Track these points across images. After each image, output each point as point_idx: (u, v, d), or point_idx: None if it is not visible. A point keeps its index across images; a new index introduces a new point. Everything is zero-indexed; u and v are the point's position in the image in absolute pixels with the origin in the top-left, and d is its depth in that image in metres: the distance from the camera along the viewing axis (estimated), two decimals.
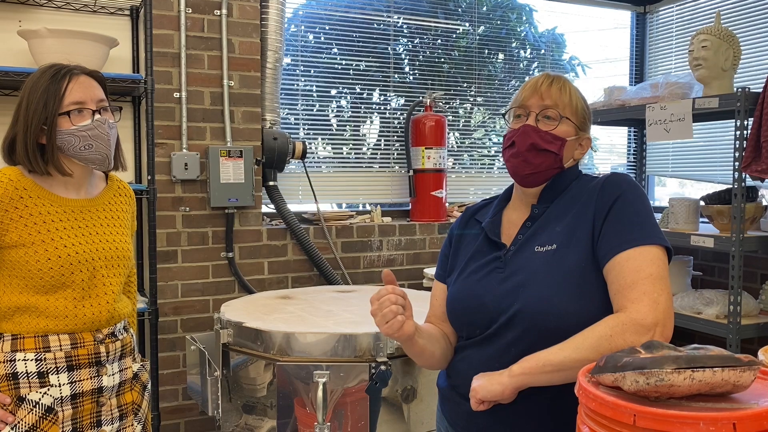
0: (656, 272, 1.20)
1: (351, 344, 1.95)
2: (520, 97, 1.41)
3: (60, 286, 1.61)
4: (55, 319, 1.61)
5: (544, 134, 1.36)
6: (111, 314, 1.69)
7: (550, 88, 1.38)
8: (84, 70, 1.67)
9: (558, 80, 1.40)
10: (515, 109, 1.42)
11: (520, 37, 3.89)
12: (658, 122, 2.79)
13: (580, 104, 1.40)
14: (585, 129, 1.42)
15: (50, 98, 1.59)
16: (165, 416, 2.85)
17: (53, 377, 1.59)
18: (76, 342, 1.63)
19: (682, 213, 2.83)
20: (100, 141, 1.64)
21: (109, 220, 1.74)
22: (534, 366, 1.21)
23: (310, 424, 1.90)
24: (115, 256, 1.71)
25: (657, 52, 4.01)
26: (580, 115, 1.40)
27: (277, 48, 3.09)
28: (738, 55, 2.71)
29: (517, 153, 1.38)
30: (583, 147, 1.43)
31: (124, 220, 1.80)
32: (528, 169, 1.38)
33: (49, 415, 1.58)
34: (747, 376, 0.89)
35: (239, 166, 2.93)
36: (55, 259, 1.59)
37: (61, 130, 1.60)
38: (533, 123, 1.37)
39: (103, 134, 1.64)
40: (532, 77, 1.43)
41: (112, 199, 1.79)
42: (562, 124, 1.37)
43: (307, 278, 3.16)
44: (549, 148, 1.36)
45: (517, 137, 1.38)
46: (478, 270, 1.40)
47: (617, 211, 1.28)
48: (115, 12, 2.80)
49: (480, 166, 3.85)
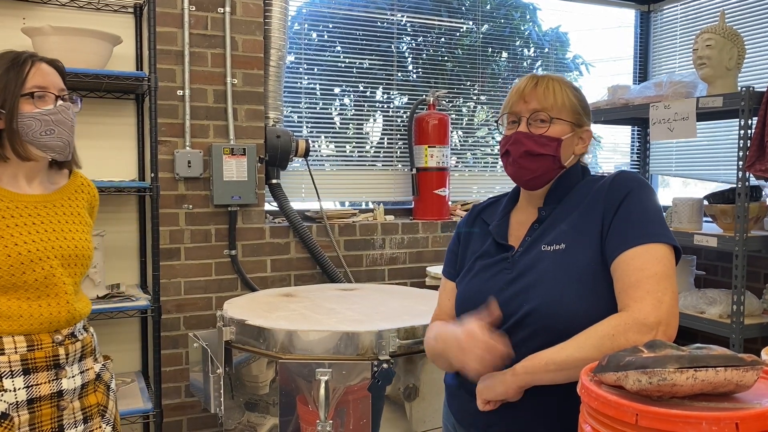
0: (661, 271, 1.20)
1: (353, 342, 1.95)
2: (509, 103, 1.39)
3: (11, 286, 1.52)
4: (9, 320, 1.52)
5: (537, 138, 1.35)
6: (71, 314, 1.61)
7: (534, 90, 1.35)
8: (44, 59, 1.60)
9: (542, 81, 1.37)
10: (506, 116, 1.40)
11: (523, 36, 3.88)
12: (662, 121, 2.79)
13: (570, 100, 1.37)
14: (582, 123, 1.39)
15: (11, 81, 1.52)
16: (167, 413, 2.85)
17: (7, 381, 1.51)
18: (32, 344, 1.55)
19: (685, 212, 2.82)
20: (62, 127, 1.57)
21: (68, 216, 1.66)
22: (537, 365, 1.21)
23: (312, 422, 1.91)
24: (73, 255, 1.62)
25: (661, 50, 4.00)
26: (572, 111, 1.37)
27: (281, 46, 3.09)
28: (742, 54, 2.70)
29: (512, 161, 1.37)
30: (584, 140, 1.40)
31: (84, 216, 1.71)
32: (527, 175, 1.37)
33: (4, 421, 1.49)
34: (750, 376, 0.89)
35: (242, 163, 2.93)
36: (4, 258, 1.50)
37: (23, 113, 1.52)
38: (525, 129, 1.36)
39: (67, 120, 1.58)
40: (518, 81, 1.41)
41: (73, 195, 1.71)
42: (554, 125, 1.35)
43: (309, 276, 3.16)
44: (544, 152, 1.34)
45: (510, 146, 1.37)
46: (486, 269, 1.39)
47: (625, 209, 1.27)
48: (118, 9, 2.80)
49: (483, 164, 3.85)
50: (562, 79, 1.40)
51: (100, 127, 2.82)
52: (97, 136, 2.82)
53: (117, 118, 2.85)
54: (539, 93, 1.35)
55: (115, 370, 2.82)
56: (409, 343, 1.99)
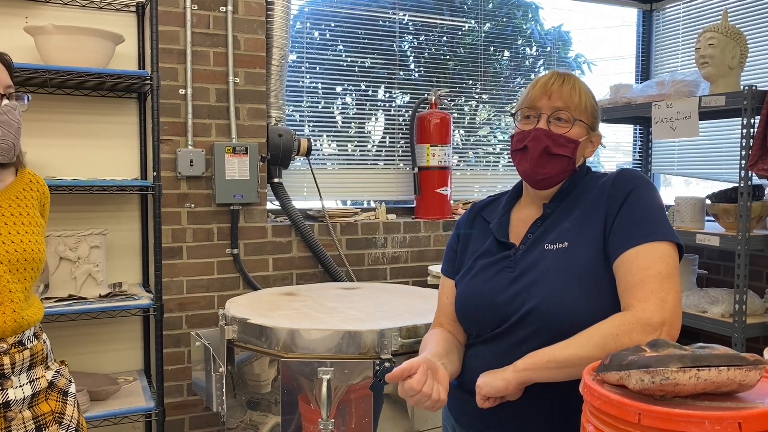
0: (665, 270, 1.19)
1: (355, 341, 1.95)
2: (530, 97, 1.36)
3: None
4: None
5: (558, 137, 1.33)
6: (17, 323, 1.50)
7: (561, 88, 1.33)
8: None
9: (569, 79, 1.35)
10: (524, 110, 1.37)
11: (525, 35, 3.88)
12: (664, 120, 2.78)
13: (590, 103, 1.37)
14: (595, 127, 1.40)
15: None
16: (170, 412, 2.86)
17: None
18: None
19: (687, 211, 2.82)
20: (8, 128, 1.47)
21: (15, 217, 1.55)
22: (538, 362, 1.21)
23: (314, 421, 1.91)
24: (21, 259, 1.51)
25: (663, 49, 3.99)
26: (591, 115, 1.36)
27: (283, 45, 3.09)
28: (745, 53, 2.69)
29: (529, 158, 1.34)
30: (594, 144, 1.40)
31: (34, 216, 1.60)
32: (541, 174, 1.35)
33: None
34: (753, 376, 0.89)
35: (244, 162, 2.93)
36: None
37: None
38: (545, 126, 1.33)
39: (13, 121, 1.48)
40: (541, 76, 1.38)
41: (21, 194, 1.60)
42: (574, 127, 1.33)
43: (311, 275, 3.16)
44: (563, 153, 1.33)
45: (529, 141, 1.34)
46: (487, 269, 1.38)
47: (628, 207, 1.26)
48: (121, 8, 2.80)
49: (485, 163, 3.84)
50: (582, 81, 1.39)
51: (102, 126, 2.82)
52: (100, 135, 2.82)
53: (119, 117, 2.85)
54: (565, 91, 1.33)
55: (117, 368, 2.85)
56: (411, 342, 1.99)
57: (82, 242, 2.56)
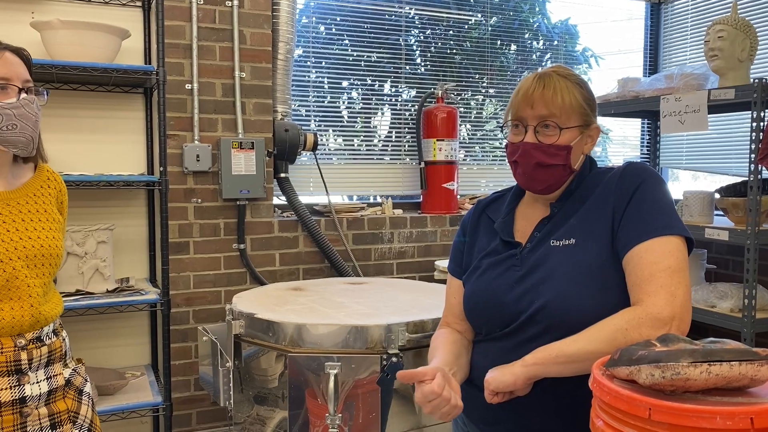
0: (674, 264, 1.18)
1: (362, 336, 1.95)
2: (514, 108, 1.32)
3: None
4: None
5: (547, 148, 1.29)
6: (35, 318, 1.51)
7: (543, 94, 1.28)
8: (8, 47, 1.51)
9: (549, 82, 1.29)
10: (511, 121, 1.34)
11: (532, 28, 3.86)
12: (673, 114, 2.76)
13: (577, 100, 1.30)
14: (590, 122, 1.34)
15: None
16: (177, 407, 2.86)
17: None
18: None
19: (696, 205, 2.80)
20: (26, 121, 1.48)
21: (33, 213, 1.56)
22: (547, 356, 1.20)
23: (321, 416, 1.91)
24: (39, 254, 1.52)
25: (671, 42, 3.96)
26: (580, 113, 1.31)
27: (289, 39, 3.08)
28: (755, 46, 2.67)
29: (522, 172, 1.33)
30: (593, 138, 1.36)
31: (52, 213, 1.61)
32: (537, 184, 1.34)
33: None
34: (765, 371, 0.88)
35: (251, 157, 2.93)
36: None
37: None
38: (532, 138, 1.29)
39: (31, 114, 1.49)
40: (523, 81, 1.32)
41: (39, 191, 1.61)
42: (563, 133, 1.29)
43: (318, 270, 3.16)
44: (554, 162, 1.30)
45: (519, 157, 1.32)
46: (494, 267, 1.37)
47: (637, 202, 1.25)
48: (127, 3, 2.80)
49: (492, 158, 3.83)
50: (568, 74, 1.33)
51: (108, 121, 2.82)
52: (106, 130, 2.82)
53: (125, 112, 2.85)
54: (547, 97, 1.28)
55: (124, 363, 2.85)
56: (418, 337, 1.99)
57: (89, 237, 2.56)
